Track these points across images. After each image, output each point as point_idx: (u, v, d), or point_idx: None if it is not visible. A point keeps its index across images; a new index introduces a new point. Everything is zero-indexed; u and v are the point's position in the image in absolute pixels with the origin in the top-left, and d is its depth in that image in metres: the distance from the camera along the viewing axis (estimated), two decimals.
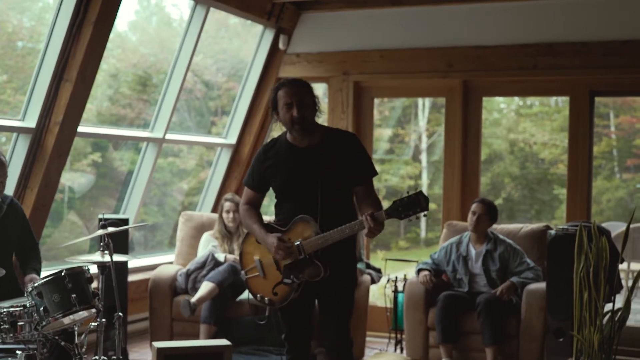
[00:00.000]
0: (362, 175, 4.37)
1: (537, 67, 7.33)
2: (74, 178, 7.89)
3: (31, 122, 6.02)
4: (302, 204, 4.30)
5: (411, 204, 4.05)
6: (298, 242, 4.26)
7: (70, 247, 5.79)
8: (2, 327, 4.37)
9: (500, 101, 13.46)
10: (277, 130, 4.50)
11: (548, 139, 13.04)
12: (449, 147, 7.80)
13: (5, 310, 4.38)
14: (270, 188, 4.53)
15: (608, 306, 5.41)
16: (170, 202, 9.22)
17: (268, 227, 4.40)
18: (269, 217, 4.67)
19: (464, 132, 7.72)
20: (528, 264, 6.30)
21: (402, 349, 6.82)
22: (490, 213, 6.41)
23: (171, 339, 6.51)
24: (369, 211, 4.15)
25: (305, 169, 4.31)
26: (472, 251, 6.42)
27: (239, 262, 4.61)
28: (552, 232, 5.81)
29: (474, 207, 6.44)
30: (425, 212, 4.07)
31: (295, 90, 4.28)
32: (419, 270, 6.49)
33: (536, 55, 7.32)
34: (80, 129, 6.33)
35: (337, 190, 4.32)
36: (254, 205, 4.53)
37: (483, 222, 6.39)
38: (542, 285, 6.03)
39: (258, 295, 4.47)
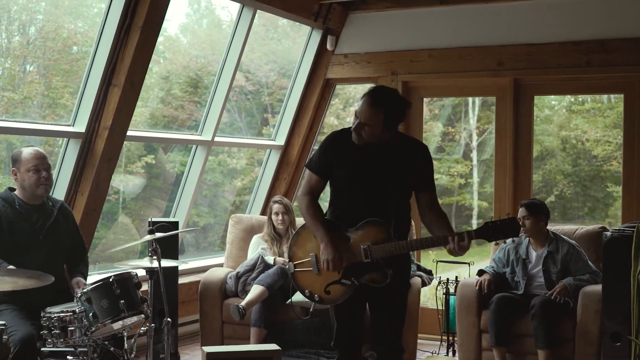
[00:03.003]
0: (425, 185, 4.32)
1: (590, 64, 7.19)
2: (128, 180, 7.95)
3: (81, 127, 6.08)
4: (367, 200, 4.22)
5: (503, 229, 4.09)
6: (366, 246, 4.18)
7: (123, 249, 5.84)
8: (53, 331, 4.43)
9: (551, 98, 13.27)
10: (324, 134, 4.45)
11: (601, 136, 12.82)
12: (500, 147, 7.70)
13: (56, 315, 4.43)
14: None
15: None
16: (221, 203, 9.25)
17: (332, 225, 4.31)
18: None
19: (515, 131, 7.61)
20: (589, 267, 6.15)
21: (454, 352, 6.74)
22: (533, 214, 6.21)
23: (222, 342, 6.51)
24: (435, 219, 4.20)
25: (377, 164, 4.24)
26: (533, 254, 6.28)
27: (288, 254, 4.52)
28: (608, 233, 5.69)
29: (518, 212, 6.32)
30: (515, 238, 4.09)
31: (367, 110, 4.16)
32: (481, 272, 6.39)
33: (589, 53, 7.18)
34: (129, 132, 6.37)
35: (406, 193, 4.28)
36: (315, 196, 4.41)
37: (531, 224, 6.22)
38: (598, 287, 5.89)
39: (307, 291, 4.39)
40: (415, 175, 4.27)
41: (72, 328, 4.43)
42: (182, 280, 7.00)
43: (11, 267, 4.45)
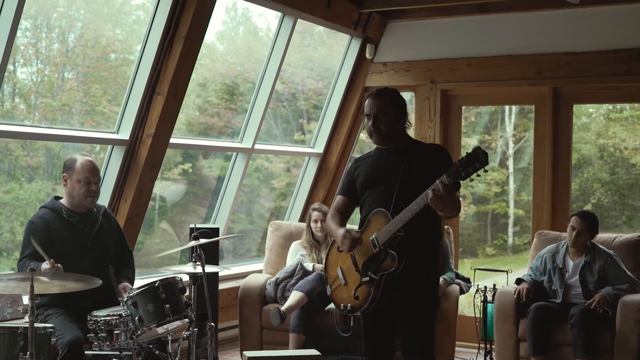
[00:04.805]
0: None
1: (630, 72, 7.17)
2: (165, 186, 8.03)
3: (125, 134, 6.18)
4: (380, 196, 4.28)
5: (470, 161, 3.93)
6: (373, 237, 4.23)
7: (164, 255, 5.92)
8: (99, 335, 4.51)
9: (589, 105, 13.18)
10: (365, 138, 4.54)
11: (639, 144, 12.71)
12: (539, 155, 7.69)
13: (102, 318, 4.52)
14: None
15: None
16: (258, 209, 9.30)
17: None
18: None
19: (554, 140, 7.60)
20: (628, 276, 6.12)
21: None
22: (590, 228, 6.24)
23: (261, 347, 6.56)
24: None
25: (388, 164, 4.32)
26: (570, 263, 6.28)
27: (324, 277, 4.60)
28: None
29: (573, 221, 6.28)
30: (486, 168, 3.93)
31: (375, 103, 4.31)
32: (519, 281, 6.40)
33: (629, 61, 7.16)
34: (172, 140, 6.46)
35: (416, 186, 4.21)
36: (340, 212, 4.51)
37: (583, 237, 6.24)
38: (637, 297, 5.87)
39: (342, 305, 4.44)
40: (432, 169, 4.20)
41: (118, 331, 4.51)
42: (221, 286, 7.07)
43: (45, 265, 4.49)
